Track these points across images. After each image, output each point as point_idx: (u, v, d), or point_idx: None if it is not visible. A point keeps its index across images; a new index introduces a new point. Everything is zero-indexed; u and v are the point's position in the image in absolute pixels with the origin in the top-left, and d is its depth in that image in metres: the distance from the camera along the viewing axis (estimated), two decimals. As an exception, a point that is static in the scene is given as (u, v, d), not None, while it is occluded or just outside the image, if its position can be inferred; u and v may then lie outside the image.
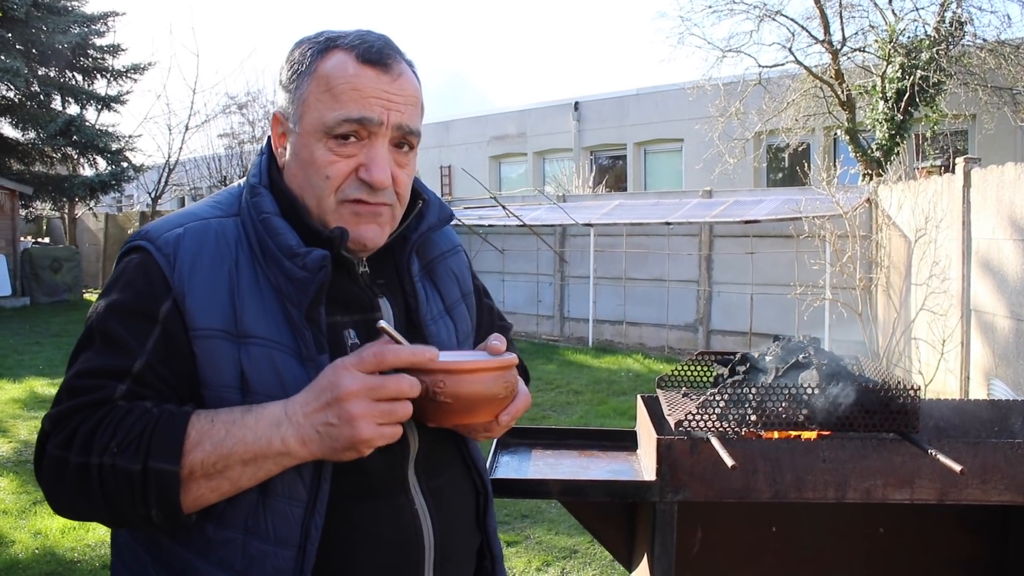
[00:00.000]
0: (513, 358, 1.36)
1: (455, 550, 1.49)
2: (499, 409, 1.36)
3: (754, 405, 2.27)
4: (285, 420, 1.24)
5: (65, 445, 1.23)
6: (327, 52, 1.37)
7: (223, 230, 1.37)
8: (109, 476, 1.21)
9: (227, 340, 1.30)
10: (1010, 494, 2.20)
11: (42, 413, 7.98)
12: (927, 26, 13.96)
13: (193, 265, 1.31)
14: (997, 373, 7.26)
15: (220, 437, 1.23)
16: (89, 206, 22.90)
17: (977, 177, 7.65)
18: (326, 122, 1.34)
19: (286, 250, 1.33)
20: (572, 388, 9.51)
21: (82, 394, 1.26)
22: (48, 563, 4.60)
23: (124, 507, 1.23)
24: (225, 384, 1.29)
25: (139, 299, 1.30)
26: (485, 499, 1.59)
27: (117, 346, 1.28)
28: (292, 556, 1.29)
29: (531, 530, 5.13)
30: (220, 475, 1.24)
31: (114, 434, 1.22)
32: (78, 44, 19.80)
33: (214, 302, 1.30)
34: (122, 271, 1.35)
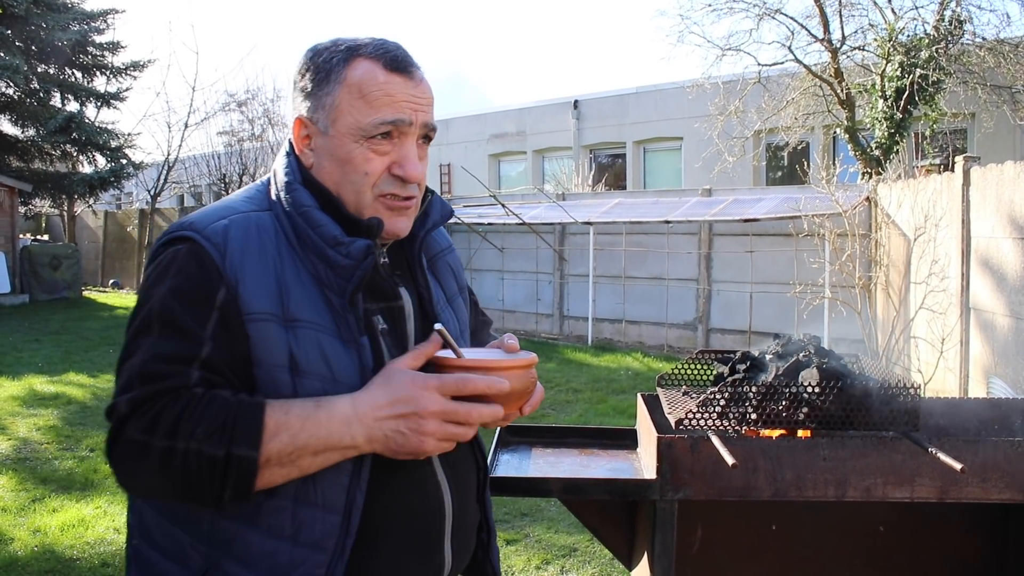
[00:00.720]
0: (534, 356, 1.52)
1: (466, 520, 1.63)
2: (524, 402, 1.50)
3: (754, 403, 2.27)
4: (355, 420, 1.36)
5: (149, 429, 1.31)
6: (351, 60, 1.48)
7: (262, 223, 1.46)
8: (193, 460, 1.30)
9: (277, 323, 1.39)
10: (1010, 492, 2.21)
11: (41, 411, 8.01)
12: (926, 24, 13.96)
13: (243, 255, 1.40)
14: (996, 371, 7.27)
15: (296, 430, 1.34)
16: (88, 203, 22.91)
17: (976, 176, 7.65)
18: (363, 126, 1.46)
19: (330, 240, 1.44)
20: (571, 386, 9.51)
21: (157, 380, 1.34)
22: (47, 561, 4.60)
23: (201, 488, 1.32)
24: (276, 364, 1.38)
25: (195, 286, 1.38)
26: (484, 475, 1.73)
27: (181, 332, 1.36)
28: (338, 521, 1.40)
29: (530, 528, 5.13)
30: (292, 464, 1.35)
31: (199, 421, 1.31)
32: (78, 41, 19.79)
33: (264, 289, 1.40)
34: (171, 260, 1.41)
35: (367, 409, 1.37)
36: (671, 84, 19.69)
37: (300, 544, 1.39)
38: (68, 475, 6.12)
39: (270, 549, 1.39)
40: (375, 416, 1.36)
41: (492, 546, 1.76)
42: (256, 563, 1.39)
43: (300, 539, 1.39)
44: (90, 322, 15.21)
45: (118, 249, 24.14)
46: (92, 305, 18.21)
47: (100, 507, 5.41)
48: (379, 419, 1.36)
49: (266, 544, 1.39)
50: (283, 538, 1.39)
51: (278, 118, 21.47)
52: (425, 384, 1.37)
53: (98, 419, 7.82)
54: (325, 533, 1.40)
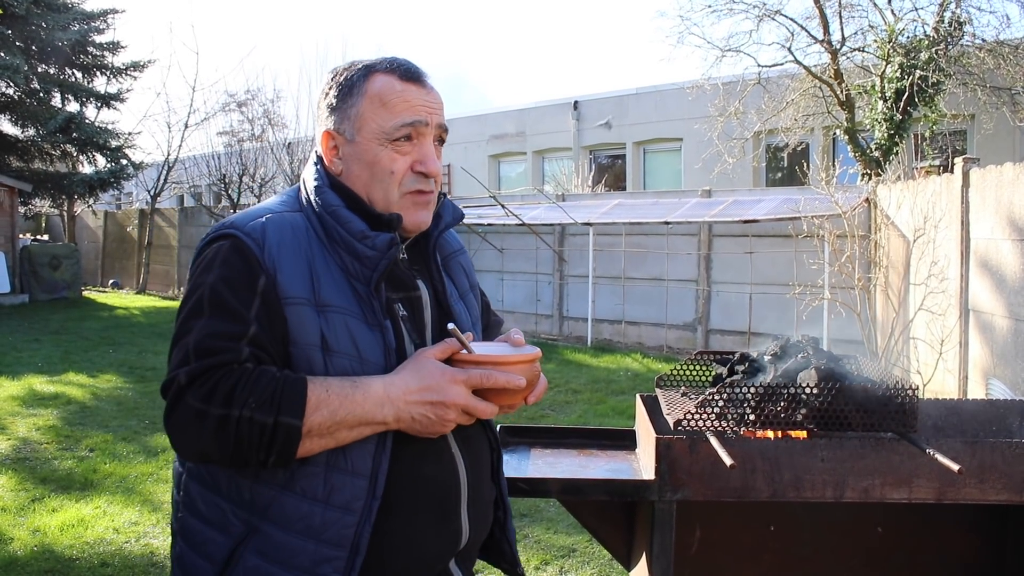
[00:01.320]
0: (539, 351, 1.69)
1: (481, 492, 1.78)
2: (528, 393, 1.66)
3: (753, 404, 2.28)
4: (388, 402, 1.55)
5: (207, 399, 1.48)
6: (370, 76, 1.69)
7: (295, 222, 1.65)
8: (246, 426, 1.47)
9: (310, 307, 1.58)
10: (1008, 493, 2.21)
11: (41, 411, 8.01)
12: (926, 26, 13.97)
13: (279, 248, 1.59)
14: (995, 373, 7.27)
15: (335, 407, 1.52)
16: (88, 203, 22.92)
17: (976, 177, 7.66)
18: (386, 129, 1.66)
19: (357, 234, 1.63)
20: (571, 387, 9.51)
21: (213, 354, 1.50)
22: (46, 560, 4.60)
23: (250, 453, 1.49)
24: (310, 343, 1.56)
25: (239, 274, 1.56)
26: (498, 456, 1.88)
27: (230, 313, 1.53)
28: (365, 485, 1.57)
29: (529, 529, 5.13)
30: (330, 435, 1.53)
31: (252, 392, 1.48)
32: (78, 41, 19.80)
33: (298, 277, 1.58)
34: (216, 253, 1.59)
35: (399, 392, 1.55)
36: (671, 85, 19.70)
37: (332, 506, 1.56)
38: (67, 475, 6.12)
39: (305, 511, 1.55)
40: (406, 399, 1.55)
41: (508, 524, 1.90)
42: (292, 524, 1.55)
43: (332, 501, 1.56)
44: (90, 322, 15.21)
45: (118, 249, 24.15)
46: (92, 305, 18.21)
47: (99, 507, 5.41)
48: (409, 403, 1.55)
49: (301, 507, 1.55)
50: (316, 501, 1.56)
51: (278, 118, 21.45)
52: (454, 377, 1.57)
53: (97, 419, 7.83)
54: (354, 496, 1.56)
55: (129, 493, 5.75)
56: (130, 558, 4.65)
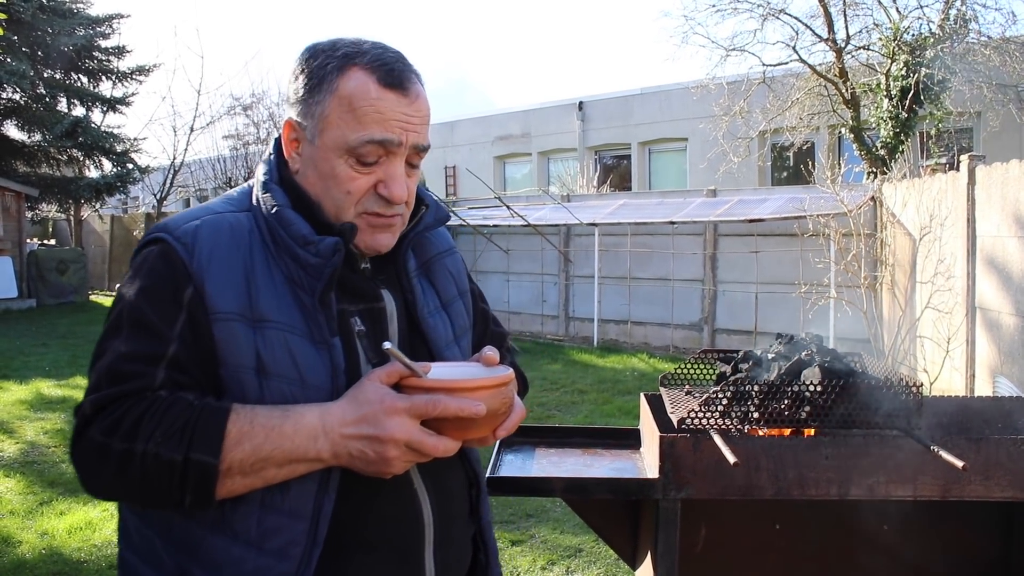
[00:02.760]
0: (510, 373, 1.42)
1: (453, 534, 1.56)
2: (497, 424, 1.42)
3: (757, 402, 2.28)
4: (322, 435, 1.33)
5: (109, 431, 1.30)
6: (346, 70, 1.43)
7: (237, 223, 1.45)
8: (152, 464, 1.28)
9: (244, 323, 1.37)
10: (1013, 490, 2.21)
11: (49, 415, 8.04)
12: (931, 23, 13.93)
13: (211, 254, 1.39)
14: (1003, 371, 7.25)
15: (259, 441, 1.31)
16: (95, 208, 22.98)
17: (982, 174, 7.64)
18: (349, 142, 1.42)
19: (299, 238, 1.41)
20: (577, 388, 9.51)
21: (123, 381, 1.33)
22: (55, 563, 4.62)
23: (161, 493, 1.30)
24: (242, 365, 1.36)
25: (163, 285, 1.37)
26: (478, 491, 1.65)
27: (148, 330, 1.35)
28: (304, 529, 1.37)
29: (536, 529, 5.13)
30: (255, 474, 1.32)
31: (159, 423, 1.29)
32: (83, 46, 19.89)
33: (231, 288, 1.38)
34: (143, 261, 1.41)
35: (335, 424, 1.33)
36: (676, 85, 19.70)
37: (265, 552, 1.36)
38: (75, 478, 6.11)
39: (236, 556, 1.36)
40: (341, 432, 1.33)
41: (492, 567, 1.69)
42: (222, 570, 1.36)
43: (265, 547, 1.36)
44: (97, 326, 15.16)
45: (124, 253, 24.17)
46: (99, 309, 18.25)
47: (107, 510, 5.42)
48: (345, 436, 1.33)
49: (231, 551, 1.36)
50: (248, 545, 1.36)
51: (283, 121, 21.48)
52: (394, 406, 1.32)
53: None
54: (291, 541, 1.37)
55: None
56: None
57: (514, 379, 1.44)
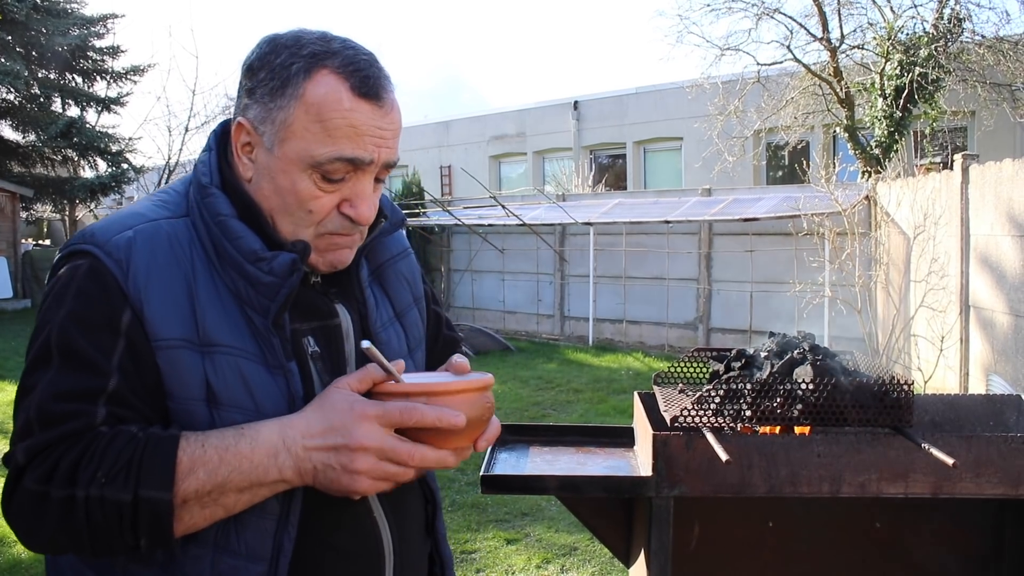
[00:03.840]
0: (490, 377, 1.32)
1: (411, 557, 1.48)
2: (478, 433, 1.30)
3: (749, 400, 2.28)
4: (283, 450, 1.20)
5: (45, 479, 1.15)
6: (314, 72, 1.26)
7: (175, 232, 1.29)
8: (96, 508, 1.14)
9: (190, 350, 1.23)
10: (1003, 487, 2.22)
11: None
12: (925, 23, 13.97)
13: (148, 272, 1.23)
14: (996, 369, 7.27)
15: (214, 465, 1.18)
16: (90, 208, 22.93)
17: (975, 173, 7.66)
18: (316, 156, 1.26)
19: (249, 254, 1.26)
20: (572, 387, 9.52)
21: (59, 423, 1.17)
22: (50, 563, 4.62)
23: (111, 539, 1.16)
24: (191, 396, 1.23)
25: (96, 309, 1.21)
26: (434, 507, 1.58)
27: (83, 363, 1.19)
28: (263, 570, 1.25)
29: (531, 528, 5.14)
30: (215, 503, 1.19)
31: (100, 463, 1.15)
32: (78, 46, 19.85)
33: (174, 310, 1.23)
34: (69, 278, 1.24)
35: (297, 436, 1.20)
36: (671, 84, 19.72)
37: None
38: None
39: None
40: (304, 445, 1.20)
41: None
42: None
43: None
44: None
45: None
46: (94, 309, 18.21)
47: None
48: (308, 448, 1.20)
49: None
50: None
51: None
52: (364, 413, 1.20)
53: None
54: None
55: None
56: None
57: (493, 383, 1.33)
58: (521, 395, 8.97)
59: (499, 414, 1.48)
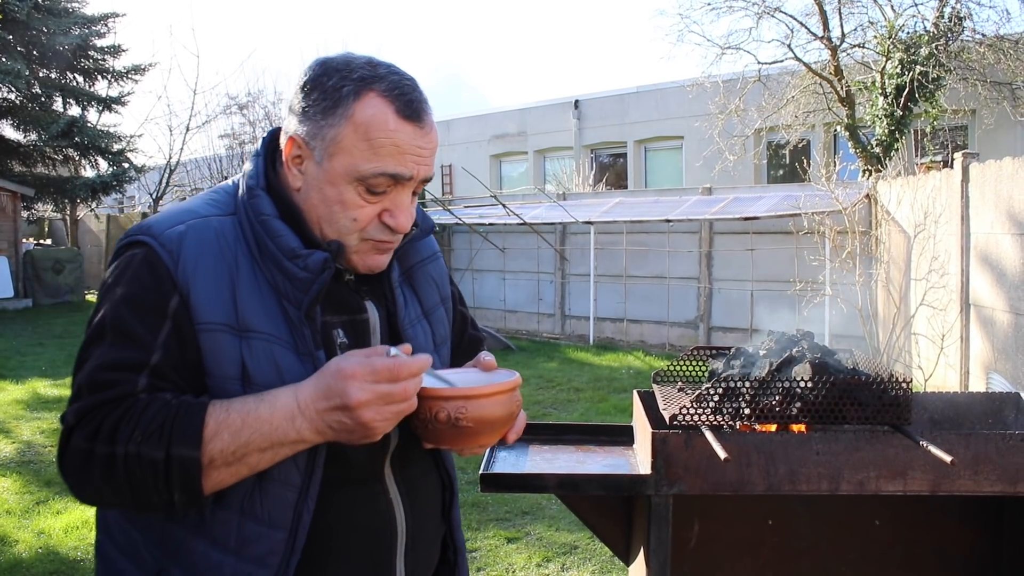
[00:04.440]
0: (518, 378, 1.46)
1: (423, 538, 1.60)
2: (508, 428, 1.47)
3: (748, 399, 2.29)
4: (299, 414, 1.32)
5: (91, 438, 1.30)
6: (362, 95, 1.40)
7: (222, 229, 1.43)
8: (135, 464, 1.28)
9: (230, 334, 1.37)
10: (1002, 485, 2.22)
11: (45, 414, 8.04)
12: (926, 21, 13.97)
13: (197, 262, 1.38)
14: (996, 367, 7.28)
15: (237, 428, 1.31)
16: (91, 207, 22.93)
17: (975, 172, 7.66)
18: (362, 171, 1.40)
19: (288, 251, 1.40)
20: (573, 386, 9.53)
21: (104, 388, 1.33)
22: (51, 562, 4.63)
23: (149, 493, 1.30)
24: (227, 376, 1.37)
25: (148, 294, 1.36)
26: (451, 494, 1.71)
27: (132, 339, 1.34)
28: (283, 538, 1.39)
29: (531, 526, 5.15)
30: (239, 462, 1.32)
31: (137, 424, 1.29)
32: (79, 45, 19.84)
33: (217, 298, 1.37)
34: (126, 265, 1.40)
35: (308, 402, 1.32)
36: (671, 83, 19.72)
37: (244, 559, 1.38)
38: (72, 477, 6.14)
39: (214, 561, 1.38)
40: (316, 409, 1.32)
41: (460, 565, 1.74)
42: (201, 574, 1.39)
43: (244, 554, 1.38)
44: (93, 325, 15.22)
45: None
46: (95, 309, 18.23)
47: (103, 509, 5.44)
48: (320, 412, 1.32)
49: (211, 555, 1.38)
50: (227, 551, 1.38)
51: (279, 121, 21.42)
52: (352, 373, 1.30)
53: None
54: (270, 550, 1.39)
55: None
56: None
57: (521, 383, 1.47)
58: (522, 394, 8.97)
59: None
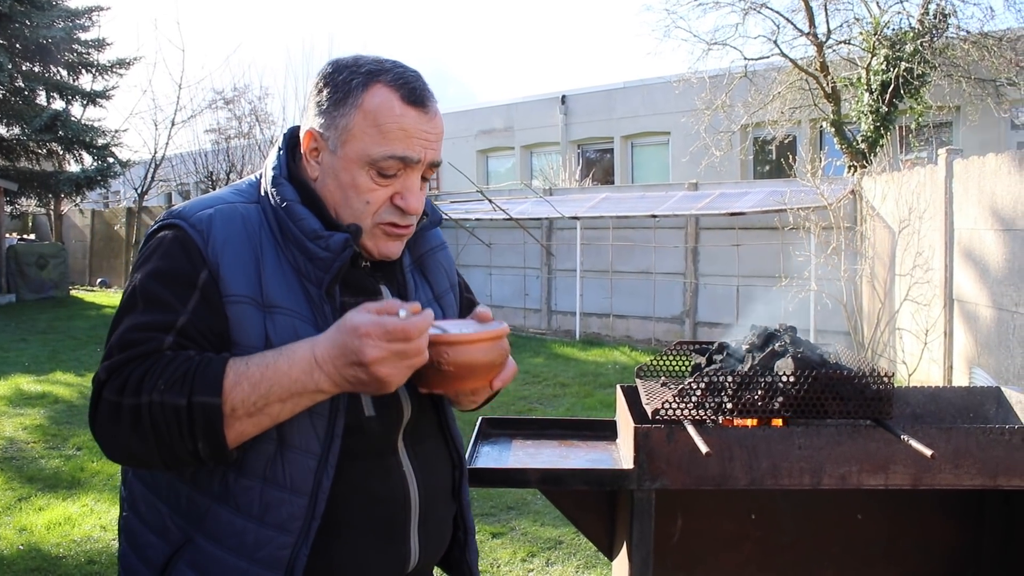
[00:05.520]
0: (506, 327, 1.52)
1: (436, 512, 1.66)
2: (493, 375, 1.51)
3: (730, 393, 2.29)
4: (317, 368, 1.37)
5: (119, 391, 1.37)
6: (370, 86, 1.50)
7: (248, 214, 1.53)
8: (159, 412, 1.35)
9: (255, 307, 1.46)
10: (982, 478, 2.24)
11: (28, 410, 7.99)
12: (911, 18, 14.02)
13: (225, 242, 1.47)
14: (979, 362, 7.32)
15: (256, 379, 1.37)
16: (75, 202, 22.81)
17: (959, 168, 7.70)
18: (372, 155, 1.49)
19: (310, 233, 1.49)
20: (559, 381, 9.53)
21: (133, 346, 1.40)
22: (33, 559, 4.60)
23: (174, 442, 1.36)
24: (252, 345, 1.44)
25: (179, 267, 1.45)
26: (460, 473, 1.75)
27: (161, 305, 1.43)
28: (304, 504, 1.46)
29: (516, 522, 5.15)
30: (260, 412, 1.38)
31: (161, 375, 1.36)
32: (62, 39, 19.68)
33: (243, 274, 1.46)
34: (158, 244, 1.49)
35: (326, 358, 1.37)
36: (658, 79, 19.73)
37: (267, 525, 1.45)
38: (55, 474, 6.11)
39: (238, 527, 1.45)
40: (334, 366, 1.37)
41: (470, 545, 1.79)
42: (225, 540, 1.45)
43: (267, 520, 1.45)
44: (77, 321, 15.15)
45: (105, 248, 24.05)
46: (79, 304, 18.14)
47: (86, 505, 5.41)
48: (338, 368, 1.37)
49: (235, 522, 1.45)
50: (251, 517, 1.45)
51: (265, 115, 21.38)
52: (367, 332, 1.34)
53: (84, 418, 7.74)
54: (291, 515, 1.45)
55: (116, 491, 5.73)
56: (117, 555, 4.66)
57: (508, 333, 1.52)
58: (508, 389, 8.96)
59: (485, 408, 1.64)
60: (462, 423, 1.62)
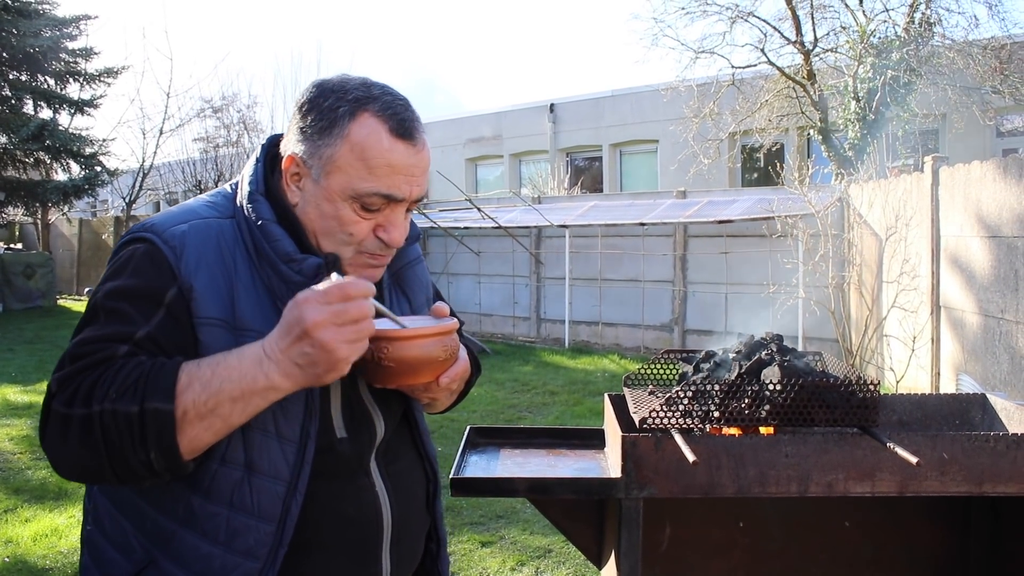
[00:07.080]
0: (453, 323, 1.51)
1: (408, 530, 1.64)
2: (440, 371, 1.49)
3: (717, 401, 2.30)
4: (265, 359, 1.33)
5: (69, 402, 1.32)
6: (357, 115, 1.45)
7: (222, 231, 1.49)
8: (110, 421, 1.29)
9: (226, 330, 1.42)
10: (968, 485, 2.24)
11: (15, 420, 7.95)
12: (897, 27, 14.12)
13: (199, 260, 1.43)
14: (966, 368, 7.35)
15: (207, 378, 1.32)
16: (63, 211, 22.71)
17: (945, 175, 7.75)
18: (357, 190, 1.45)
19: (283, 255, 1.45)
20: (548, 389, 9.53)
21: (86, 356, 1.36)
22: (19, 571, 4.57)
23: (126, 453, 1.30)
24: None
25: (146, 284, 1.41)
26: (435, 487, 1.76)
27: (120, 318, 1.39)
28: (272, 530, 1.43)
29: (506, 530, 5.14)
30: (212, 414, 1.33)
31: (112, 383, 1.31)
32: (50, 48, 19.61)
33: (216, 295, 1.42)
34: (128, 258, 1.44)
35: (273, 346, 1.33)
36: (646, 87, 19.79)
37: (233, 551, 1.43)
38: (41, 485, 6.07)
39: (204, 552, 1.42)
40: (280, 349, 1.32)
41: (441, 556, 1.79)
42: (190, 564, 1.43)
43: (233, 546, 1.42)
44: (65, 331, 15.06)
45: (93, 257, 23.95)
46: (67, 314, 18.05)
47: (73, 516, 5.37)
48: (284, 350, 1.32)
49: (201, 547, 1.42)
50: (217, 544, 1.43)
51: (254, 124, 21.37)
52: (304, 298, 1.31)
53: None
54: (258, 542, 1.43)
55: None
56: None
57: (456, 329, 1.52)
58: (497, 398, 8.96)
59: (475, 417, 1.59)
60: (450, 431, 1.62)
